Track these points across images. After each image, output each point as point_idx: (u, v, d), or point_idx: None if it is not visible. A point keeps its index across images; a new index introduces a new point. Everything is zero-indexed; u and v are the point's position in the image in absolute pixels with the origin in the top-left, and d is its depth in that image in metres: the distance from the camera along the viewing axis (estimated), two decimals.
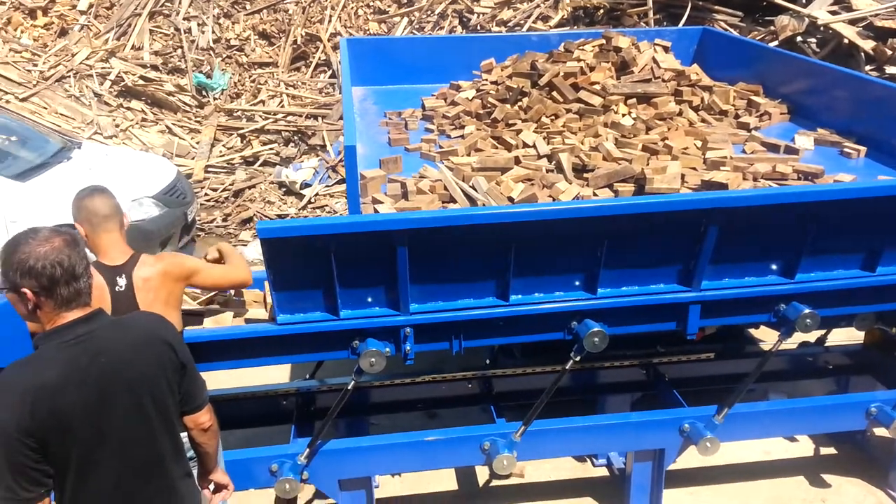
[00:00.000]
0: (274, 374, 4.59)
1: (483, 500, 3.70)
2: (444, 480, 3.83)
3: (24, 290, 1.95)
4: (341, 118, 9.68)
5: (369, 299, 3.05)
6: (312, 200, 8.23)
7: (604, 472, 3.91)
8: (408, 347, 3.10)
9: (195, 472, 2.40)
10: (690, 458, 3.44)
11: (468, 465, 3.83)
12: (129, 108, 9.93)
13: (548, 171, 3.77)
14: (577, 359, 3.08)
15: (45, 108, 9.43)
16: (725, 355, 3.97)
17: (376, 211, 3.54)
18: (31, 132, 6.90)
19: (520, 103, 4.65)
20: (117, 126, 9.53)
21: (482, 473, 3.89)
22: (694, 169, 3.72)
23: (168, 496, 2.18)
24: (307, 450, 3.11)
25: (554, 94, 4.63)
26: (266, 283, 3.36)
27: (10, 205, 5.63)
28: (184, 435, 2.28)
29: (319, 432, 3.15)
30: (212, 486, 2.48)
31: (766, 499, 3.72)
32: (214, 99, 10.28)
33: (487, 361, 4.19)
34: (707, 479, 3.81)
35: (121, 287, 2.68)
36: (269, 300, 3.30)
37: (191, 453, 2.38)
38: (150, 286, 2.74)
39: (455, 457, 3.33)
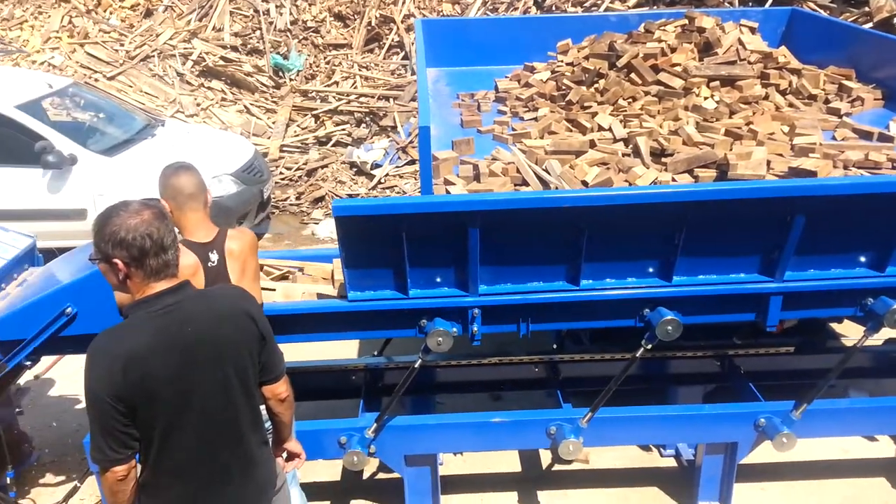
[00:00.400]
0: (343, 350, 4.69)
1: (546, 483, 3.69)
2: (507, 462, 3.84)
3: (115, 260, 2.04)
4: (413, 100, 9.75)
5: (438, 279, 3.07)
6: (382, 181, 8.32)
7: (671, 462, 3.83)
8: (475, 328, 3.11)
9: (270, 441, 2.48)
10: (763, 454, 3.34)
11: (533, 449, 3.83)
12: (209, 88, 10.24)
13: (624, 155, 3.69)
14: (649, 347, 3.02)
15: (131, 87, 9.84)
16: (805, 350, 3.82)
17: (448, 192, 3.55)
18: (118, 110, 7.21)
19: (596, 85, 4.55)
20: (198, 105, 9.86)
21: (546, 457, 3.88)
22: (780, 155, 3.56)
23: (245, 462, 2.26)
24: (375, 424, 3.17)
25: (632, 76, 4.50)
26: (335, 261, 3.43)
27: (98, 179, 5.91)
28: (261, 406, 2.35)
29: (387, 408, 3.20)
30: (285, 455, 2.56)
31: (842, 499, 3.57)
32: (290, 80, 10.48)
33: (554, 346, 4.16)
34: (780, 475, 3.69)
35: (213, 262, 2.77)
36: (336, 276, 3.37)
37: (267, 423, 2.46)
38: (239, 260, 2.84)
39: (520, 439, 3.33)
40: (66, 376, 4.63)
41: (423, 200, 2.97)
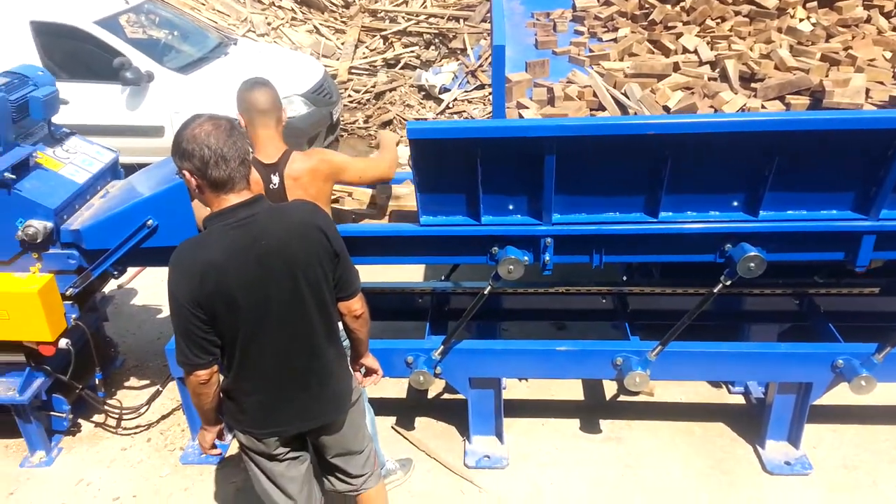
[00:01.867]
0: (409, 273, 4.74)
1: (608, 413, 3.70)
2: (570, 390, 3.86)
3: (184, 171, 2.11)
4: (484, 21, 9.43)
5: (511, 206, 3.02)
6: (450, 105, 8.18)
7: (739, 399, 3.77)
8: (547, 258, 3.06)
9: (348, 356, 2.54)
10: (839, 395, 3.24)
11: (596, 379, 3.82)
12: (279, 7, 10.15)
13: (710, 79, 3.48)
14: (728, 283, 2.92)
15: (203, 5, 9.84)
16: (891, 291, 3.63)
17: (521, 116, 3.45)
18: (193, 27, 7.24)
19: (682, 4, 4.27)
20: (269, 24, 9.80)
21: (609, 388, 3.88)
22: (881, 83, 3.30)
23: (322, 373, 2.33)
24: (441, 346, 3.21)
25: None
26: (378, 187, 3.41)
27: (174, 96, 6.01)
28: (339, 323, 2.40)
29: (454, 332, 3.23)
30: (362, 370, 2.63)
31: None
32: None
33: (624, 278, 4.09)
34: (854, 417, 3.59)
35: (274, 185, 2.79)
36: (355, 197, 3.35)
37: (345, 340, 2.51)
38: (300, 183, 2.83)
39: (585, 369, 3.32)
40: (147, 287, 4.86)
41: (498, 125, 2.89)
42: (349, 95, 8.56)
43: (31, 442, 3.55)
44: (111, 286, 4.32)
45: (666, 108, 3.25)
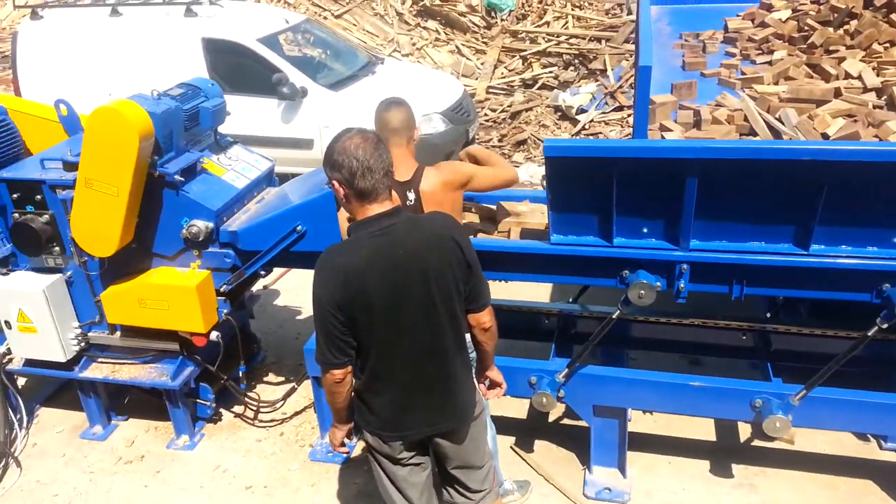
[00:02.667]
0: (535, 292, 4.71)
1: (741, 457, 3.48)
2: (700, 429, 3.66)
3: (333, 181, 2.25)
4: (627, 41, 9.28)
5: (645, 230, 2.94)
6: (587, 127, 8.09)
7: (892, 456, 3.42)
8: (681, 285, 2.95)
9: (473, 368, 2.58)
10: None
11: (731, 419, 3.61)
12: (424, 28, 10.52)
13: (876, 107, 3.22)
14: (884, 326, 2.68)
15: (355, 26, 10.39)
16: None
17: (664, 138, 3.35)
18: (344, 47, 7.66)
19: (846, 27, 3.99)
20: (413, 44, 10.18)
21: (743, 431, 3.65)
22: None
23: (449, 380, 2.38)
24: (566, 370, 3.17)
25: (893, 16, 3.88)
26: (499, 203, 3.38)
27: (324, 111, 6.37)
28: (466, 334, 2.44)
29: (579, 355, 3.17)
30: (486, 383, 2.65)
31: None
32: (502, 20, 10.43)
33: (767, 314, 3.84)
34: None
35: (411, 201, 2.89)
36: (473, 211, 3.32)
37: (471, 353, 2.55)
38: (435, 198, 2.91)
39: (720, 408, 3.14)
40: (289, 289, 5.16)
41: (639, 145, 2.83)
42: (485, 114, 8.69)
43: (177, 426, 3.86)
44: (257, 286, 4.63)
45: (825, 136, 3.05)
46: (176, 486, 3.58)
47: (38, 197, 3.40)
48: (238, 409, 4.03)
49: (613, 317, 3.05)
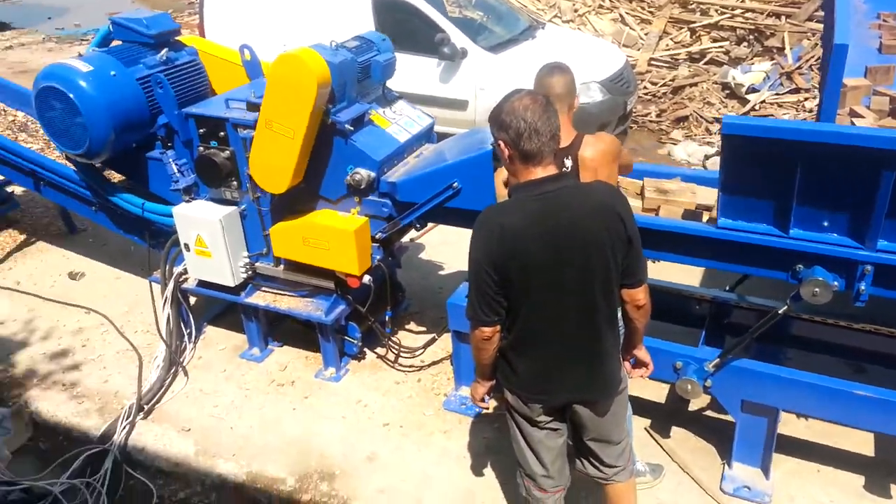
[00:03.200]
0: (688, 276, 4.52)
1: None
2: (858, 441, 3.40)
3: (499, 141, 2.24)
4: (810, 19, 8.53)
5: (826, 223, 2.74)
6: (757, 108, 7.58)
7: None
8: (862, 287, 2.74)
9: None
10: None
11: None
12: None
13: None
14: None
15: None
16: None
17: (853, 125, 3.08)
18: (506, 10, 7.59)
19: None
20: (575, 11, 9.92)
21: None
22: None
23: (596, 352, 2.36)
24: (717, 360, 3.04)
25: None
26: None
27: (482, 73, 6.38)
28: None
29: (733, 347, 3.03)
30: (633, 361, 2.61)
31: None
32: None
33: None
34: None
35: (566, 168, 2.84)
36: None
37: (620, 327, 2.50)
38: (592, 166, 2.85)
39: (886, 422, 2.90)
40: (434, 244, 5.29)
41: (834, 129, 2.61)
42: (645, 87, 8.35)
43: (326, 358, 4.11)
44: (406, 238, 4.78)
45: None
46: (321, 412, 3.83)
47: (222, 133, 3.67)
48: (380, 350, 4.22)
49: (780, 312, 2.88)
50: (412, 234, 5.09)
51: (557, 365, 2.36)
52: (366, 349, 4.22)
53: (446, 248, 5.19)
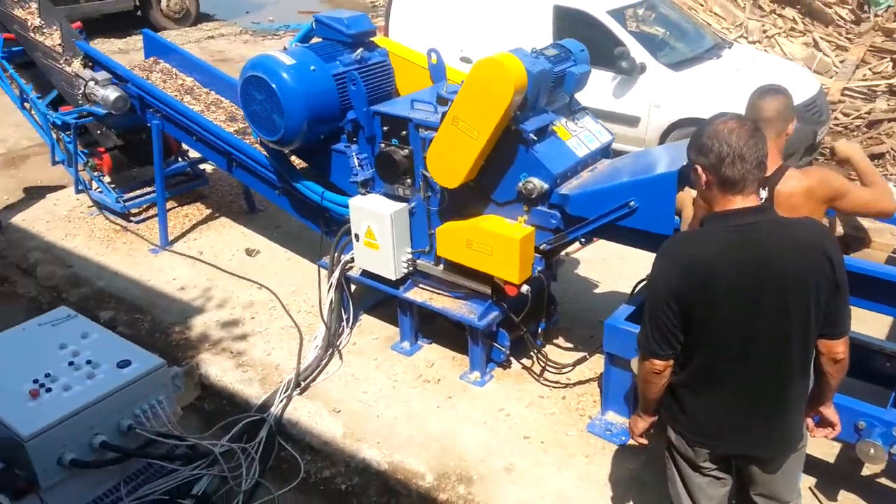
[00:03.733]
0: (875, 327, 4.10)
1: None
2: None
3: (696, 165, 2.12)
4: None
5: None
6: None
7: None
8: None
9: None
10: None
11: None
12: (780, 16, 9.61)
13: None
14: None
15: (702, 6, 9.84)
16: None
17: None
18: (690, 26, 7.29)
19: None
20: (764, 32, 9.36)
21: None
22: None
23: (782, 404, 2.18)
24: None
25: None
26: None
27: (659, 90, 6.17)
28: None
29: None
30: (816, 419, 2.39)
31: None
32: (876, 15, 9.10)
33: None
34: None
35: (761, 198, 2.64)
36: None
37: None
38: (791, 203, 2.64)
39: None
40: (591, 261, 5.18)
41: None
42: (836, 118, 7.70)
43: (473, 361, 4.13)
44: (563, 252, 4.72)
45: None
46: (463, 414, 3.86)
47: (404, 132, 3.79)
48: (526, 361, 4.19)
49: None
50: (570, 248, 5.02)
51: (735, 413, 2.20)
52: (512, 358, 4.21)
53: (604, 265, 5.06)
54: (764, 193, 2.68)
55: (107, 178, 5.94)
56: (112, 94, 5.11)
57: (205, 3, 13.82)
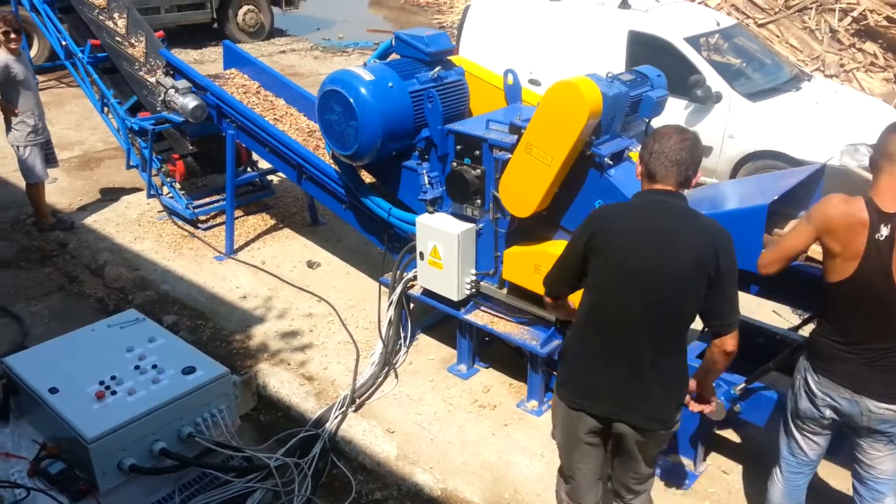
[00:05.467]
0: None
1: None
2: None
3: (638, 164, 2.51)
4: None
5: None
6: None
7: None
8: None
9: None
10: None
11: None
12: (860, 50, 9.29)
13: None
14: None
15: (778, 37, 9.59)
16: None
17: None
18: (769, 58, 7.08)
19: None
20: (842, 66, 9.06)
21: None
22: None
23: (653, 371, 2.42)
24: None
25: None
26: None
27: (735, 120, 5.99)
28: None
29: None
30: (693, 395, 2.74)
31: None
32: None
33: None
34: None
35: (881, 235, 2.46)
36: None
37: None
38: None
39: None
40: None
41: None
42: None
43: (531, 389, 4.02)
44: None
45: None
46: (519, 444, 3.74)
47: (477, 152, 3.74)
48: None
49: None
50: None
51: (607, 371, 2.47)
52: None
53: None
54: (886, 231, 2.46)
55: (178, 185, 6.06)
56: (191, 102, 5.23)
57: (278, 18, 14.18)
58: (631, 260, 2.37)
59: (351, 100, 3.82)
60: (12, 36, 5.42)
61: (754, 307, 3.98)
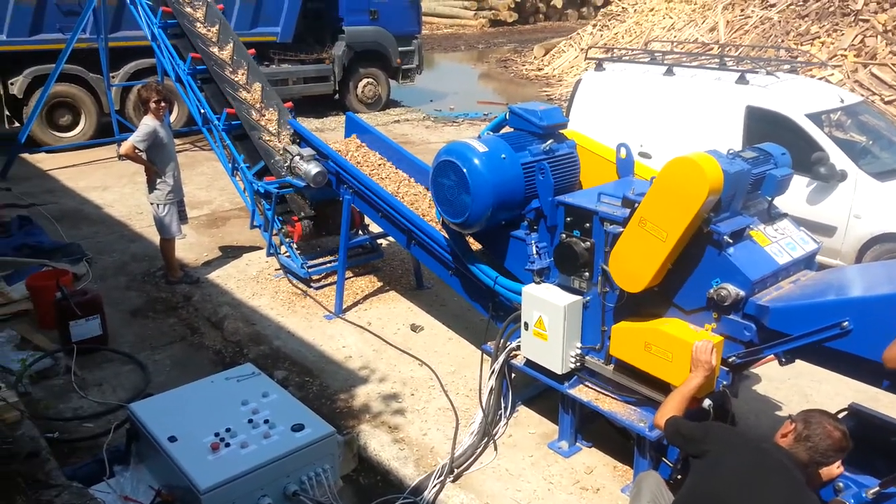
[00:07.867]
0: None
1: None
2: None
3: None
4: None
5: None
6: None
7: None
8: None
9: None
10: None
11: None
12: None
13: None
14: None
15: None
16: None
17: None
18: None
19: None
20: None
21: None
22: None
23: None
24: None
25: None
26: None
27: (861, 200, 5.68)
28: None
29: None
30: None
31: None
32: None
33: None
34: None
35: None
36: None
37: None
38: None
39: None
40: (773, 379, 4.71)
41: None
42: None
43: (637, 473, 3.82)
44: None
45: None
46: None
47: (587, 225, 3.72)
48: None
49: None
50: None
51: None
52: (679, 476, 3.84)
53: (792, 386, 4.59)
54: None
55: (295, 245, 6.37)
56: (314, 168, 5.55)
57: (394, 91, 14.92)
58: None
59: (464, 170, 3.92)
60: (162, 104, 6.00)
61: (887, 402, 3.66)
